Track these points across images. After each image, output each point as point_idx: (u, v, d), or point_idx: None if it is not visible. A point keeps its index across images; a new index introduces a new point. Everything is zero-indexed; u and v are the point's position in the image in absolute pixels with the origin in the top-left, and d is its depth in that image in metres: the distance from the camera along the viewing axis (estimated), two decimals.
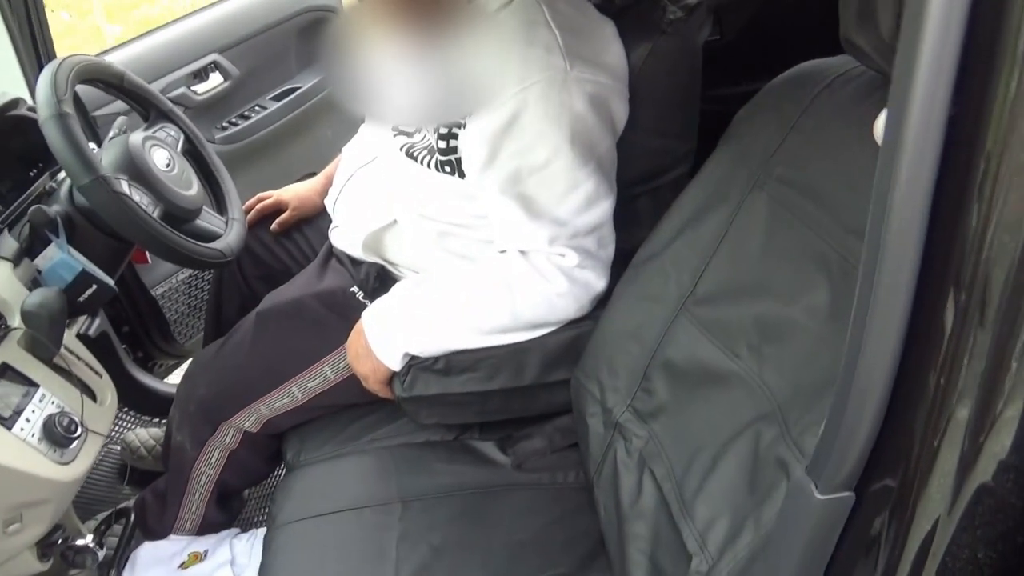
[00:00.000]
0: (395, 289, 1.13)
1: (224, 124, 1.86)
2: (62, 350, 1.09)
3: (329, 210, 1.34)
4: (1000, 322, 0.43)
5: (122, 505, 1.39)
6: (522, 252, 1.05)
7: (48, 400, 1.04)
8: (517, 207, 1.01)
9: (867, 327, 0.47)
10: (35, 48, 1.43)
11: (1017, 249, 0.41)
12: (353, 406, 1.24)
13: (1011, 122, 0.38)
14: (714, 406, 0.86)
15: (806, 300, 0.77)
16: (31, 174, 1.30)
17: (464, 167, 1.04)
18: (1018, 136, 0.38)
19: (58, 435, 1.01)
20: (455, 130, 1.02)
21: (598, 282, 1.07)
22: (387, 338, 1.09)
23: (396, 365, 1.09)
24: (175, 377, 2.00)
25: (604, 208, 1.04)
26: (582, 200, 1.01)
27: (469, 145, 1.01)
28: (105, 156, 1.17)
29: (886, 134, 0.40)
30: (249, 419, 1.22)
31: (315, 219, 1.50)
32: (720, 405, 0.85)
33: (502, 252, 1.08)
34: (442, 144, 1.04)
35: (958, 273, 0.44)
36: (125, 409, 1.71)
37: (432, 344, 1.08)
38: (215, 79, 1.82)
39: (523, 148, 0.99)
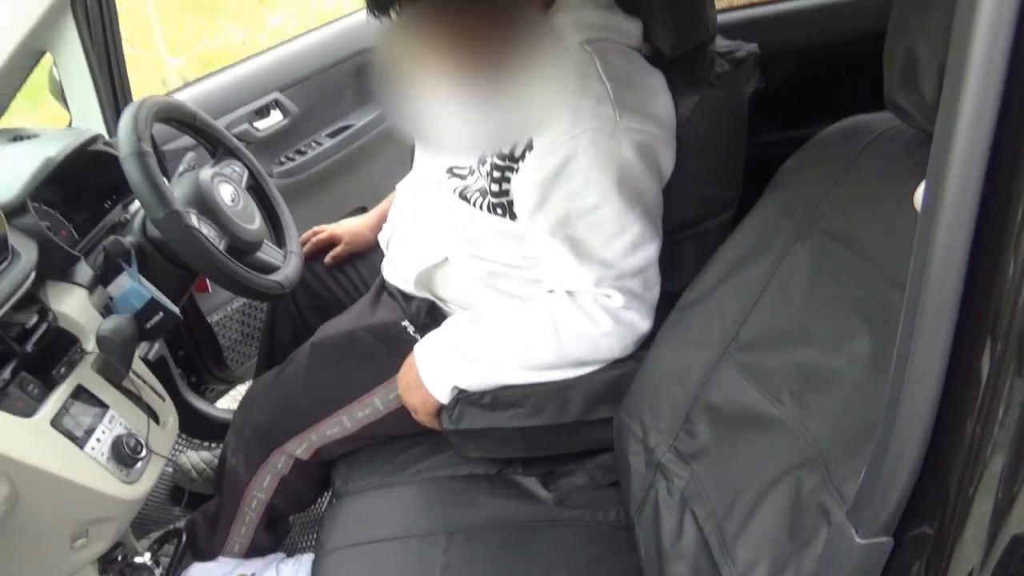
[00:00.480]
0: (446, 324, 1.17)
1: (282, 159, 1.95)
2: (130, 374, 1.16)
3: (383, 246, 1.39)
4: None
5: (173, 526, 1.44)
6: (569, 292, 1.09)
7: (117, 421, 1.10)
8: (565, 249, 1.05)
9: (907, 377, 0.49)
10: (112, 86, 1.53)
11: None
12: (400, 437, 1.28)
13: None
14: (756, 450, 0.88)
15: (848, 349, 0.79)
16: (106, 205, 1.38)
17: (515, 210, 1.09)
18: None
19: (125, 455, 1.07)
20: (508, 174, 1.07)
21: (643, 323, 1.10)
22: (437, 372, 1.13)
23: (445, 398, 1.13)
24: (224, 402, 2.07)
25: (650, 251, 1.07)
26: (628, 243, 1.05)
27: (521, 190, 1.06)
28: (177, 190, 1.25)
29: (924, 202, 0.43)
30: (300, 446, 1.27)
31: (367, 254, 1.55)
32: (762, 449, 0.87)
33: (550, 292, 1.11)
34: (495, 187, 1.09)
35: (994, 324, 0.46)
36: (178, 433, 1.77)
37: (480, 379, 1.12)
38: (275, 116, 1.91)
39: (572, 193, 1.03)
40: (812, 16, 1.65)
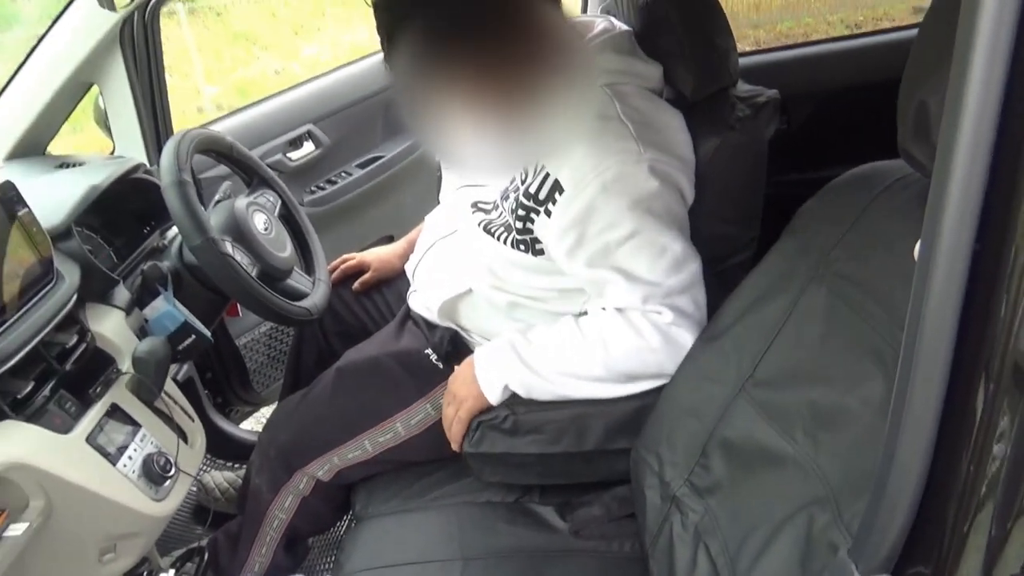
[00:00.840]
0: (505, 333, 1.19)
1: (313, 188, 2.01)
2: (161, 394, 1.20)
3: (409, 275, 1.43)
4: None
5: (196, 544, 1.48)
6: (618, 309, 1.11)
7: (148, 440, 1.14)
8: (611, 274, 1.08)
9: (904, 416, 0.51)
10: (154, 118, 1.59)
11: None
12: (419, 463, 1.31)
13: None
14: (769, 487, 0.89)
15: (861, 391, 0.81)
16: (145, 231, 1.44)
17: (549, 252, 1.12)
18: None
19: (155, 473, 1.11)
20: (532, 215, 1.10)
21: (692, 342, 1.11)
22: (492, 369, 1.15)
23: (495, 398, 1.15)
24: (249, 424, 2.11)
25: (693, 269, 1.09)
26: (671, 262, 1.07)
27: (552, 234, 1.09)
28: (213, 218, 1.30)
29: (920, 255, 0.45)
30: (323, 468, 1.30)
31: (394, 281, 1.59)
32: (775, 486, 0.88)
33: (602, 309, 1.14)
34: (519, 224, 1.13)
35: (988, 364, 0.48)
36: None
37: (532, 384, 1.14)
38: (308, 147, 1.97)
39: (608, 225, 1.05)
40: (831, 61, 1.69)
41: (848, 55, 1.76)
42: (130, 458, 1.10)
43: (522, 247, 1.14)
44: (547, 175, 1.08)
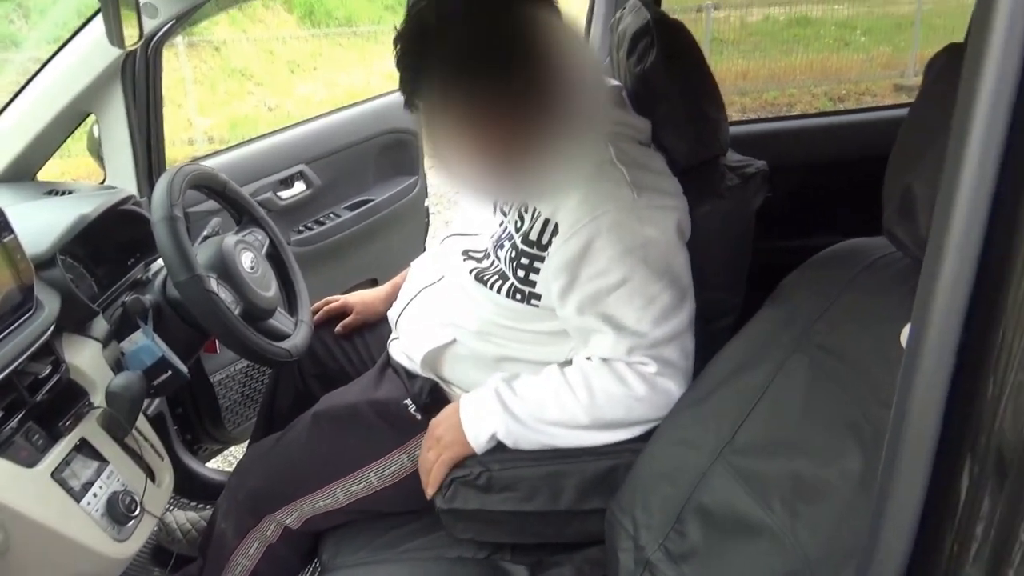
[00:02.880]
0: (490, 381, 1.18)
1: (301, 228, 2.01)
2: (132, 431, 1.17)
3: (391, 323, 1.42)
4: (1011, 490, 0.48)
5: None
6: (604, 359, 1.12)
7: (115, 477, 1.11)
8: (598, 322, 1.09)
9: (890, 495, 0.52)
10: (148, 150, 1.60)
11: None
12: (391, 514, 1.28)
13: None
14: (745, 557, 0.89)
15: (840, 464, 0.81)
16: (128, 263, 1.43)
17: (543, 298, 1.13)
18: None
19: (119, 513, 1.08)
20: (536, 264, 1.11)
21: (678, 391, 1.11)
22: (480, 419, 1.14)
23: (480, 446, 1.14)
24: (215, 463, 2.07)
25: (681, 318, 1.10)
26: (659, 312, 1.08)
27: (549, 277, 1.10)
28: (201, 254, 1.29)
29: (908, 343, 0.46)
30: (292, 515, 1.27)
31: (376, 326, 1.58)
32: (752, 556, 0.88)
33: (587, 358, 1.14)
34: (520, 273, 1.13)
35: (974, 443, 0.49)
36: None
37: (518, 432, 1.13)
38: (299, 186, 1.98)
39: (600, 271, 1.07)
40: (817, 135, 1.74)
41: (833, 130, 1.81)
42: (95, 495, 1.07)
43: (518, 296, 1.15)
44: (546, 220, 1.10)
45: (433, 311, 1.32)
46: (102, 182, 1.60)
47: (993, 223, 0.42)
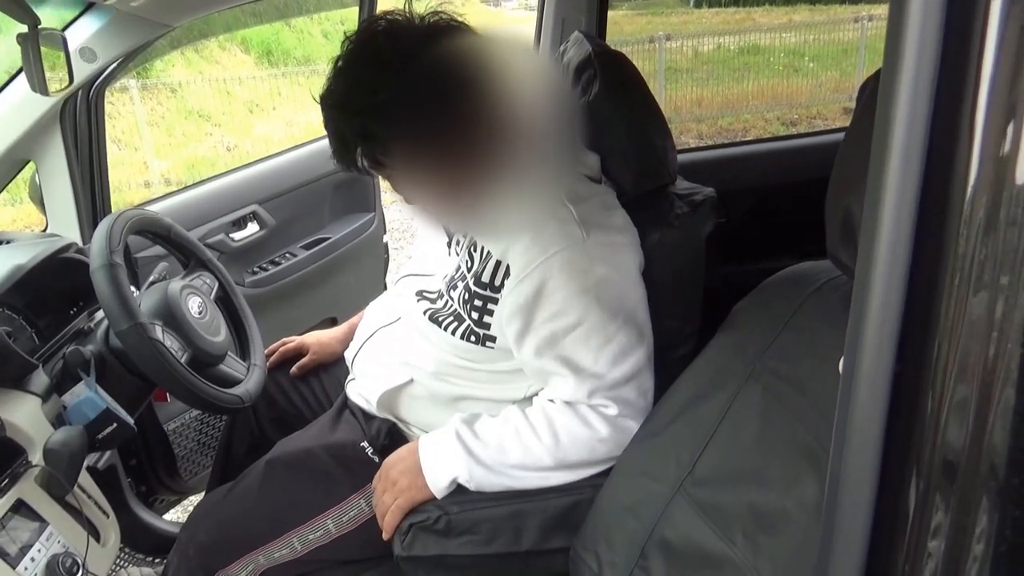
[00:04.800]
0: (450, 422, 1.16)
1: (255, 268, 1.97)
2: (75, 488, 1.12)
3: (348, 363, 1.39)
4: (959, 498, 0.47)
5: None
6: (567, 402, 1.10)
7: (55, 539, 1.06)
8: (556, 365, 1.08)
9: (837, 517, 0.51)
10: (92, 196, 1.56)
11: (968, 431, 0.45)
12: (351, 563, 1.24)
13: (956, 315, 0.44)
14: None
15: (797, 493, 0.80)
16: (71, 312, 1.38)
17: (498, 340, 1.11)
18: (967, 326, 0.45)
19: None
20: (490, 305, 1.10)
21: (638, 429, 1.10)
22: (440, 463, 1.11)
23: (440, 490, 1.11)
24: (173, 515, 2.00)
25: (638, 357, 1.09)
26: (616, 352, 1.07)
27: (503, 320, 1.09)
28: (144, 301, 1.26)
29: (844, 372, 0.46)
30: (246, 568, 1.22)
31: (332, 367, 1.55)
32: None
33: (550, 400, 1.12)
34: (474, 315, 1.12)
35: (918, 458, 0.48)
36: (121, 546, 1.70)
37: (480, 476, 1.10)
38: (252, 227, 1.95)
39: (554, 313, 1.05)
40: (768, 159, 1.76)
41: (783, 154, 1.84)
42: (32, 560, 1.01)
43: (473, 339, 1.13)
44: (497, 262, 1.09)
45: (389, 351, 1.30)
46: (44, 230, 1.56)
47: (919, 241, 0.42)
